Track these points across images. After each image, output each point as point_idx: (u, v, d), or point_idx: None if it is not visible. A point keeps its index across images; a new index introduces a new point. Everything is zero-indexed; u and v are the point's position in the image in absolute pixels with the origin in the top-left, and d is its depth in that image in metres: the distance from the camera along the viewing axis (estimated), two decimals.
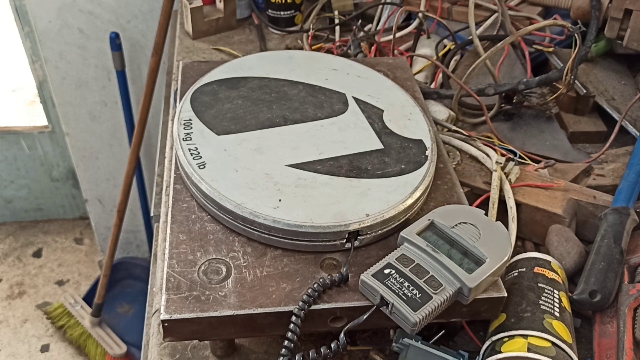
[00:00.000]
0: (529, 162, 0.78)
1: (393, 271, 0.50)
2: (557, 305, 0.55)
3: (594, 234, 0.65)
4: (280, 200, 0.56)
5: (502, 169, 0.72)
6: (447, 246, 0.53)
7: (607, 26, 0.89)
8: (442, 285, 0.49)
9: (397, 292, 0.49)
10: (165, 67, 1.41)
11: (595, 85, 0.92)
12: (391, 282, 0.50)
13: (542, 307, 0.54)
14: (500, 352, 0.52)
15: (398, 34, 1.00)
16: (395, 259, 0.51)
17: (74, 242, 2.17)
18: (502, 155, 0.75)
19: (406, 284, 0.50)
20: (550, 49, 0.96)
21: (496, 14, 1.01)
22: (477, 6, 1.02)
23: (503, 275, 0.61)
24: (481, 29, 1.02)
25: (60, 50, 1.50)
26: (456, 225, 0.53)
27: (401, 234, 0.53)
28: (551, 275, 0.58)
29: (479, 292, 0.51)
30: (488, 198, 0.69)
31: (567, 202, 0.69)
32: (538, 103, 0.88)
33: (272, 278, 0.53)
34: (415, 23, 1.03)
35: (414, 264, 0.51)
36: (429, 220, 0.54)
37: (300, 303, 0.50)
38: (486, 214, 0.55)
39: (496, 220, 0.68)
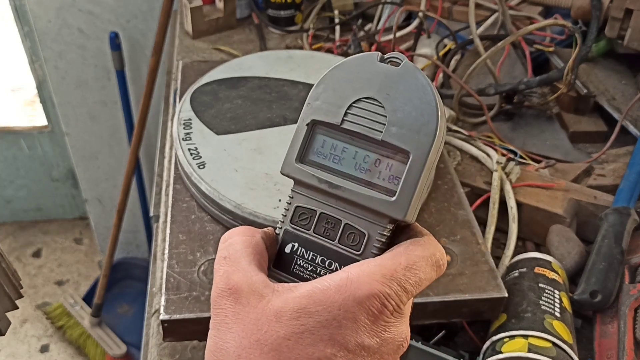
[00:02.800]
0: (530, 162, 0.78)
1: (296, 246, 0.33)
2: (558, 306, 0.55)
3: (595, 234, 0.65)
4: (280, 201, 0.56)
5: (503, 168, 0.72)
6: (352, 153, 0.32)
7: (607, 26, 0.89)
8: (365, 235, 0.32)
9: (314, 277, 0.32)
10: (165, 67, 1.40)
11: (596, 85, 0.92)
12: (300, 269, 0.33)
13: (543, 307, 0.54)
14: (500, 352, 0.52)
15: (398, 34, 0.99)
16: (292, 225, 0.33)
17: (74, 242, 2.17)
18: (503, 155, 0.75)
19: (320, 258, 0.33)
20: (551, 49, 0.96)
21: (497, 14, 1.01)
22: (478, 6, 1.02)
23: (503, 276, 0.61)
24: (481, 28, 1.01)
25: (60, 50, 1.50)
26: (347, 113, 0.32)
27: (281, 171, 0.34)
28: (552, 275, 0.58)
29: (421, 201, 0.32)
30: (488, 198, 0.69)
31: (567, 202, 0.68)
32: (539, 103, 0.88)
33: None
34: (415, 22, 1.03)
35: (318, 216, 0.33)
36: (309, 122, 0.33)
37: None
38: (386, 63, 0.32)
39: (496, 220, 0.67)
